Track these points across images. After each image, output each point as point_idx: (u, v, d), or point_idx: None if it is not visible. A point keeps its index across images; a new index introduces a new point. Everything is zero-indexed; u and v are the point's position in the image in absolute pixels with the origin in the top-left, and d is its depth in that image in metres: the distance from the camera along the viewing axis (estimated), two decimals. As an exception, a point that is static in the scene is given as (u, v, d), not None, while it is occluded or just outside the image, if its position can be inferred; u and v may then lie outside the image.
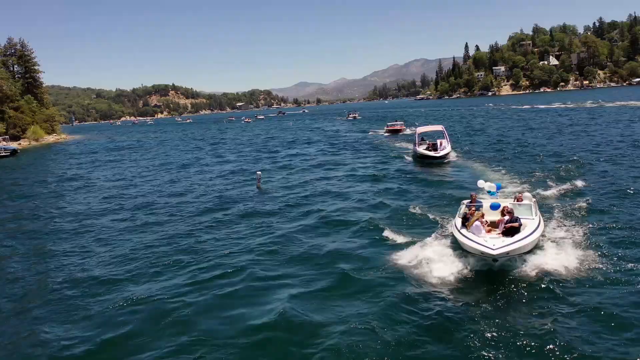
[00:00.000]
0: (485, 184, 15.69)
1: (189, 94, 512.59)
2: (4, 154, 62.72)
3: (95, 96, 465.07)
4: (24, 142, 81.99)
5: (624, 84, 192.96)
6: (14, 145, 71.51)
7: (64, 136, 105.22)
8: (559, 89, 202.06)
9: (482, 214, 12.58)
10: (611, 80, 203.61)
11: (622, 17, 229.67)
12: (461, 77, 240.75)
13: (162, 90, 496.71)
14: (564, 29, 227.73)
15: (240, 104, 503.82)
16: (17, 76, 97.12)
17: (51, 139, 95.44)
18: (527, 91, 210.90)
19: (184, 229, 17.91)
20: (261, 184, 25.96)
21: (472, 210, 12.92)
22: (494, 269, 11.02)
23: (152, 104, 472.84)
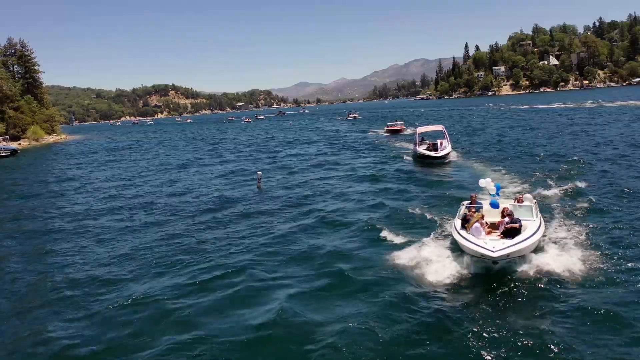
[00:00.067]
0: (486, 182, 15.43)
1: (189, 94, 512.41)
2: (4, 154, 62.78)
3: (95, 96, 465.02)
4: (24, 142, 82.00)
5: (624, 84, 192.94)
6: (14, 145, 71.55)
7: (64, 136, 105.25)
8: (559, 89, 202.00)
9: (482, 216, 12.50)
10: (611, 80, 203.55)
11: (622, 17, 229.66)
12: (461, 77, 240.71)
13: (162, 90, 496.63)
14: (564, 29, 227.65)
15: (240, 104, 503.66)
16: (17, 76, 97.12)
17: (51, 139, 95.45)
18: (527, 91, 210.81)
19: (184, 229, 17.90)
20: (262, 184, 25.96)
21: (472, 211, 12.85)
22: (494, 271, 10.95)
23: (152, 104, 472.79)
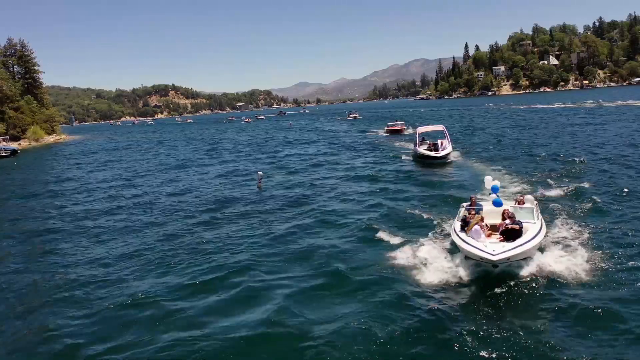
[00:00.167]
0: (491, 181, 14.78)
1: (189, 94, 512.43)
2: (4, 154, 62.86)
3: (95, 96, 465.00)
4: (24, 143, 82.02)
5: (624, 84, 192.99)
6: (14, 145, 71.61)
7: (63, 136, 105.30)
8: (558, 88, 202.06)
9: (482, 218, 12.29)
10: (611, 80, 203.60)
11: (622, 16, 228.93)
12: (461, 77, 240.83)
13: (162, 90, 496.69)
14: (564, 28, 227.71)
15: (240, 104, 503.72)
16: (17, 76, 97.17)
17: (51, 139, 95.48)
18: (527, 91, 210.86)
19: (184, 228, 17.90)
20: (262, 183, 25.93)
21: (472, 213, 12.59)
22: (494, 274, 10.81)
23: (152, 104, 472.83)
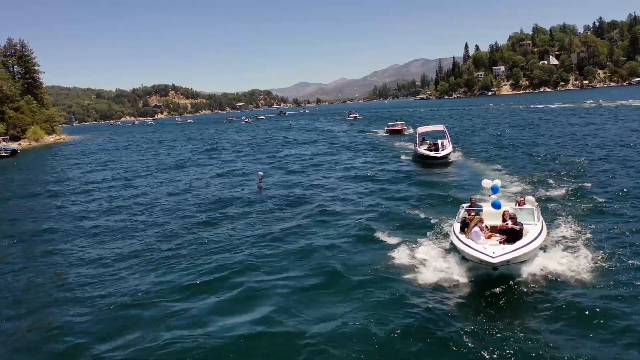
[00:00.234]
0: (489, 183, 14.77)
1: (189, 94, 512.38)
2: (4, 154, 62.85)
3: (95, 96, 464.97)
4: (24, 143, 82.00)
5: (624, 84, 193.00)
6: (14, 145, 71.57)
7: (63, 136, 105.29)
8: (558, 88, 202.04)
9: (481, 219, 12.13)
10: (611, 79, 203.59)
11: (622, 16, 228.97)
12: (461, 77, 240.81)
13: (162, 90, 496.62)
14: (564, 28, 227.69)
15: (240, 104, 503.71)
16: (17, 77, 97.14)
17: (51, 139, 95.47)
18: (527, 91, 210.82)
19: (184, 229, 17.90)
20: (262, 184, 25.92)
21: (472, 214, 12.41)
22: (494, 277, 10.64)
23: (152, 104, 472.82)
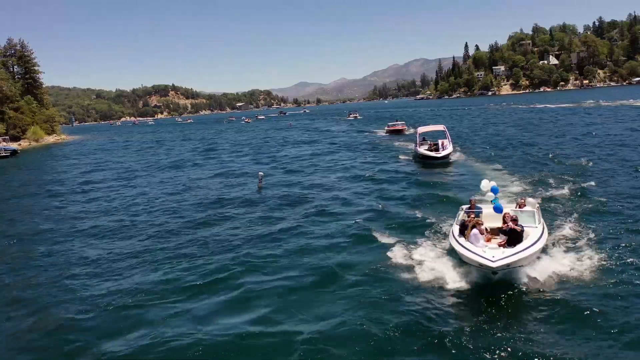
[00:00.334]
0: (488, 185, 14.61)
1: (189, 94, 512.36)
2: (4, 154, 62.85)
3: (95, 97, 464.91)
4: (24, 143, 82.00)
5: (624, 84, 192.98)
6: (14, 145, 71.57)
7: (63, 137, 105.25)
8: (558, 88, 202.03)
9: (480, 222, 11.90)
10: (611, 79, 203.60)
11: (622, 16, 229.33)
12: (461, 77, 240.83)
13: (162, 90, 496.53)
14: (564, 28, 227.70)
15: (240, 104, 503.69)
16: (17, 77, 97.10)
17: (51, 139, 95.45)
18: (527, 91, 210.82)
19: (183, 229, 17.91)
20: (262, 184, 25.91)
21: (472, 217, 12.26)
22: (493, 281, 10.42)
23: (152, 105, 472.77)
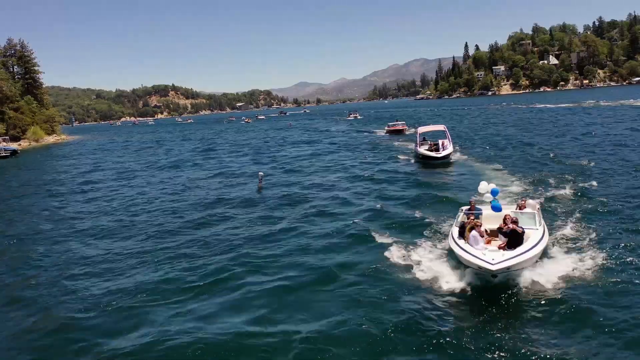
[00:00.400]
0: (486, 187, 14.35)
1: (189, 94, 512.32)
2: (4, 154, 62.83)
3: (95, 97, 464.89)
4: (24, 143, 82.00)
5: (624, 83, 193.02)
6: (14, 146, 71.58)
7: (63, 137, 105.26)
8: (558, 88, 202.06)
9: (477, 223, 11.81)
10: (611, 79, 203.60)
11: (622, 16, 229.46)
12: (461, 77, 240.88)
13: (162, 90, 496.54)
14: (564, 28, 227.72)
15: (240, 104, 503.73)
16: (17, 77, 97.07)
17: (51, 139, 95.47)
18: (527, 91, 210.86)
19: (183, 229, 17.92)
20: (262, 184, 25.90)
21: (471, 218, 12.16)
22: (492, 283, 10.31)
23: (152, 105, 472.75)
